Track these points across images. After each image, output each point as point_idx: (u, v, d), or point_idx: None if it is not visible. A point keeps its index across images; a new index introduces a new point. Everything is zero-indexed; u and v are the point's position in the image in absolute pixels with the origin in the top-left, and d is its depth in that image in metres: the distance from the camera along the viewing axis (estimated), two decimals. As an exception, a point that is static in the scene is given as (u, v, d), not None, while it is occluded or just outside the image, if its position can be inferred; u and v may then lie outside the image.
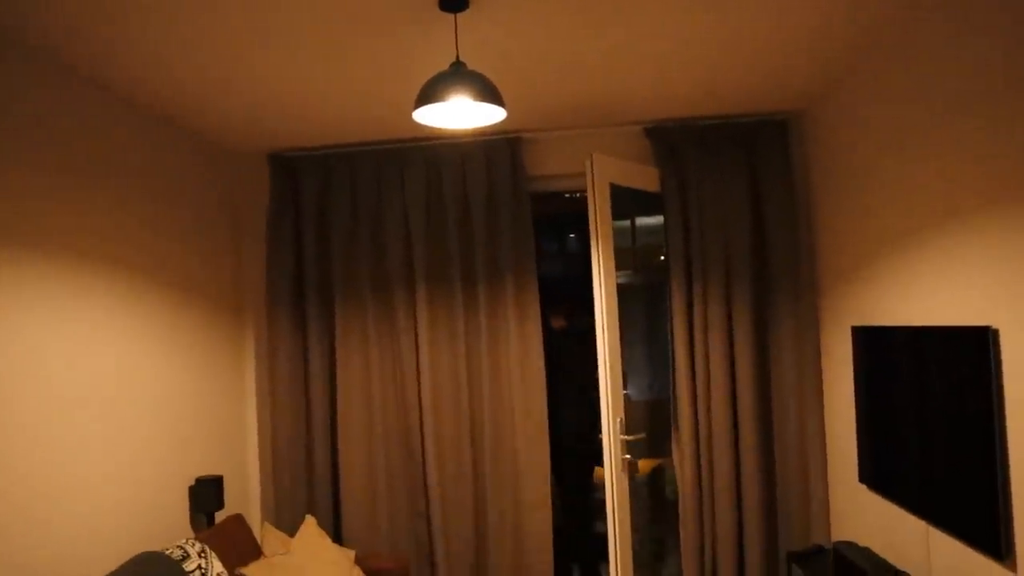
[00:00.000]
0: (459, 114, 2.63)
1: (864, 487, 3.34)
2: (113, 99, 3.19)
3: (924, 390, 2.67)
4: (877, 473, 3.09)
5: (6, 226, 2.56)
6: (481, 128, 3.98)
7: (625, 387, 4.13)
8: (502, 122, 3.87)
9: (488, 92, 2.43)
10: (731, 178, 3.91)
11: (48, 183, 2.78)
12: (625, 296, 3.73)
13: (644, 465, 4.83)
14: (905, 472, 2.83)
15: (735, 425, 3.89)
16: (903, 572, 2.90)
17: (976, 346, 2.32)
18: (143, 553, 2.88)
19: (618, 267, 3.68)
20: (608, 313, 3.54)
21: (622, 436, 3.57)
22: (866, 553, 3.12)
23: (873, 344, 3.10)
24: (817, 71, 3.30)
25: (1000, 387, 2.26)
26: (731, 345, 3.90)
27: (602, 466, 5.15)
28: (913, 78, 2.73)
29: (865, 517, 3.37)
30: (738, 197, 3.89)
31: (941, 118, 2.56)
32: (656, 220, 4.34)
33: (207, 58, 2.83)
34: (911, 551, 2.90)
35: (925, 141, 2.67)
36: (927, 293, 2.72)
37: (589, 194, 3.59)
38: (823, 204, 3.73)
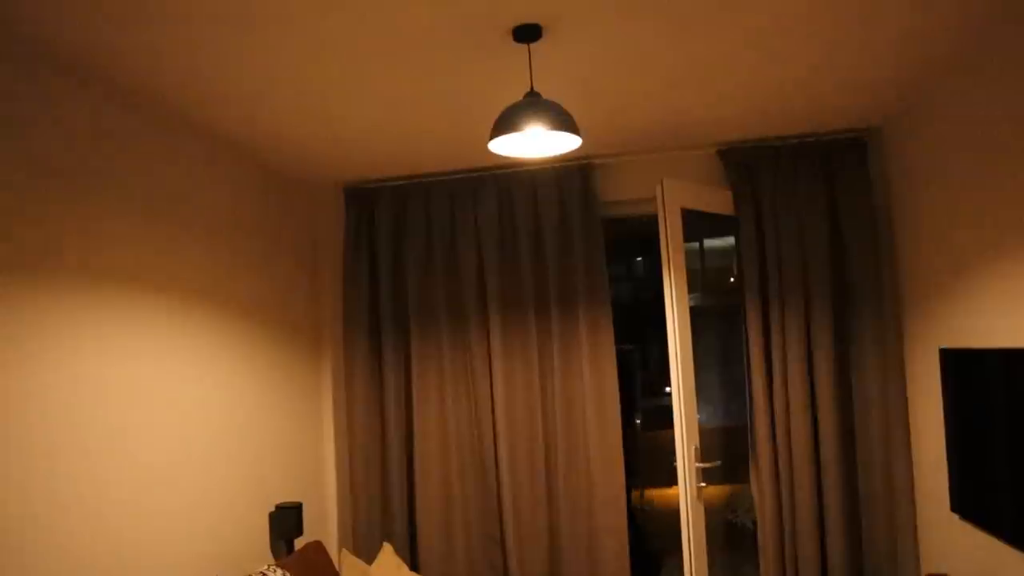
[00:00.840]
0: (534, 143, 2.65)
1: (956, 517, 3.21)
2: (190, 131, 3.30)
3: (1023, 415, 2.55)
4: (971, 502, 2.96)
5: (86, 261, 2.67)
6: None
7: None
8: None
9: (563, 121, 2.44)
10: (808, 198, 3.82)
11: (120, 211, 2.88)
12: (692, 319, 3.67)
13: (716, 491, 4.74)
14: (1003, 502, 2.71)
15: (816, 454, 3.77)
16: (1003, 608, 2.77)
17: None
18: (229, 579, 2.94)
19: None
20: (681, 340, 3.49)
21: (697, 464, 3.51)
22: (961, 587, 2.99)
23: (963, 367, 2.98)
24: (897, 87, 3.22)
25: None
26: (811, 374, 3.79)
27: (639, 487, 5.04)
28: (1003, 90, 2.65)
29: (958, 548, 3.23)
30: (816, 217, 3.79)
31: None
32: (724, 241, 4.27)
33: (283, 91, 2.91)
34: (1011, 586, 2.77)
35: (1017, 154, 2.58)
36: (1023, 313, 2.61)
37: (660, 220, 3.56)
38: (906, 223, 3.62)
